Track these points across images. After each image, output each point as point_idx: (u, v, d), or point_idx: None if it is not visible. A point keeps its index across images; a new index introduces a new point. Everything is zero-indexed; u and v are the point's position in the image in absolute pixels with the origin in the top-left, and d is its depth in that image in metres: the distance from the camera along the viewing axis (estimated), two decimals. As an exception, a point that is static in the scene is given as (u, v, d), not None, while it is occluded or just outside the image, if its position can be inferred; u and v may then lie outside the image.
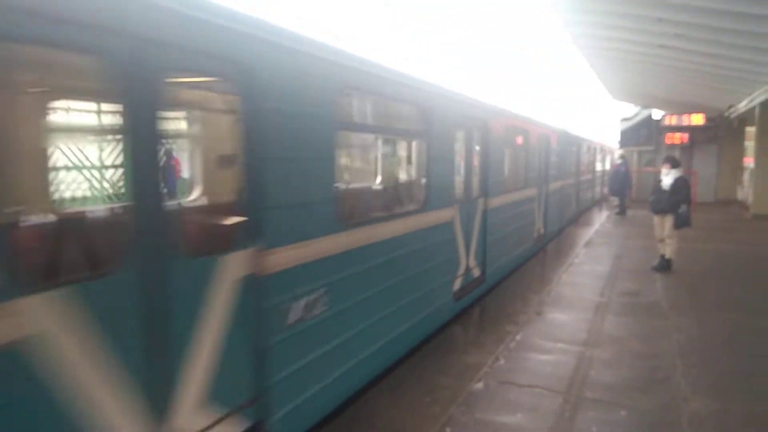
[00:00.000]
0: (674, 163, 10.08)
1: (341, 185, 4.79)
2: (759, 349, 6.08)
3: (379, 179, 7.97)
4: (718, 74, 16.31)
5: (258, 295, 3.41)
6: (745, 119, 21.94)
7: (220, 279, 3.16)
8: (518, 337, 6.33)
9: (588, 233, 15.09)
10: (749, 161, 25.57)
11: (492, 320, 7.13)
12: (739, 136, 24.40)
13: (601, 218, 19.05)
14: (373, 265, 4.77)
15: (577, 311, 7.50)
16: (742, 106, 19.43)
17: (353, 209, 5.56)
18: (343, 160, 6.22)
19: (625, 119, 26.05)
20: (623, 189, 20.16)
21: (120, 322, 2.59)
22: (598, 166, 25.07)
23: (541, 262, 11.17)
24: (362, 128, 6.05)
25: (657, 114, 26.16)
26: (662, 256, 10.24)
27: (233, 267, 3.25)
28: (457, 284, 6.97)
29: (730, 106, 21.34)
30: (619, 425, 4.34)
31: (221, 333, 3.18)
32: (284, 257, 3.61)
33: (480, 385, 5.01)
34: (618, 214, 19.88)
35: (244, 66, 3.29)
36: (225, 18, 3.13)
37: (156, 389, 2.80)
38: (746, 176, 25.06)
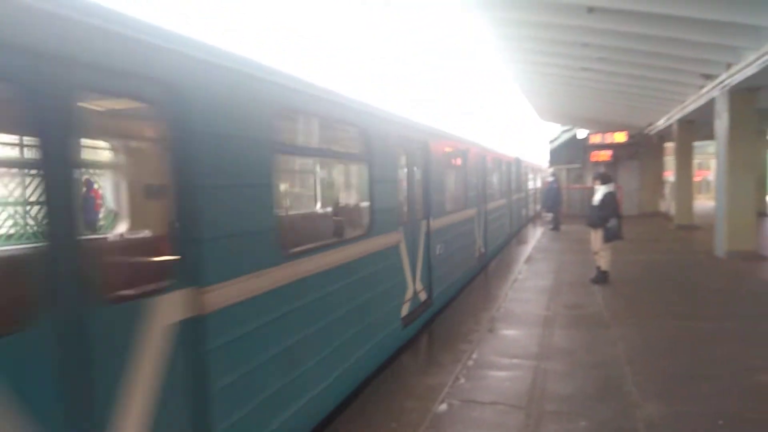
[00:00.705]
0: (604, 179, 10.57)
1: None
2: (697, 353, 6.42)
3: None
4: (639, 94, 17.36)
5: (429, 240, 7.74)
6: (663, 136, 23.38)
7: (422, 231, 7.51)
8: (474, 356, 6.43)
9: (527, 250, 15.55)
10: (669, 175, 27.25)
11: (447, 340, 7.21)
12: (659, 151, 25.95)
13: (537, 234, 19.68)
14: (452, 236, 9.26)
15: (526, 326, 7.70)
16: (661, 123, 20.72)
17: (446, 203, 9.17)
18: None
19: (552, 140, 27.19)
20: (556, 205, 20.95)
21: (409, 238, 7.04)
22: (531, 184, 25.88)
23: (488, 280, 11.41)
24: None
25: (582, 133, 27.48)
26: (598, 269, 10.68)
27: (424, 227, 7.61)
28: (478, 252, 11.43)
29: (650, 124, 22.71)
30: (580, 436, 4.47)
31: (422, 254, 7.52)
32: (435, 224, 7.87)
33: (444, 406, 5.05)
34: (552, 229, 20.61)
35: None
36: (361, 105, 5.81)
37: (413, 267, 7.16)
38: (667, 189, 26.63)
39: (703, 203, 27.66)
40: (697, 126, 18.89)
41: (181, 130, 3.02)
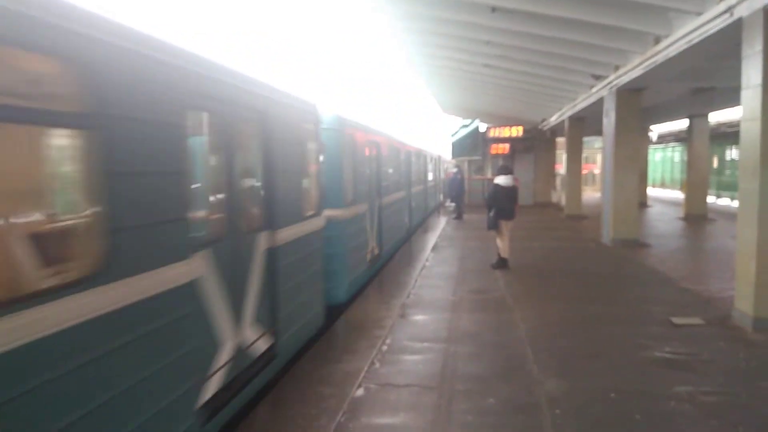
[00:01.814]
0: (498, 171, 11.20)
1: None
2: (590, 333, 6.98)
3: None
4: (534, 92, 18.34)
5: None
6: (555, 131, 24.82)
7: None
8: (388, 341, 6.61)
9: (433, 238, 16.02)
10: (559, 168, 28.96)
11: (361, 326, 7.34)
12: (551, 146, 27.52)
13: (441, 223, 20.30)
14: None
15: (435, 311, 8.00)
16: (553, 119, 21.99)
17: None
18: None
19: (454, 134, 28.05)
20: (460, 195, 21.69)
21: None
22: (433, 176, 26.26)
23: (398, 267, 11.67)
24: None
25: (482, 127, 28.55)
26: (499, 255, 11.26)
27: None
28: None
29: (543, 120, 24.03)
30: (490, 412, 4.75)
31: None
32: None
33: (361, 391, 5.17)
34: (456, 218, 21.35)
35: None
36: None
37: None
38: (558, 182, 28.33)
39: (590, 195, 29.70)
40: (586, 123, 20.27)
41: None
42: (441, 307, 8.26)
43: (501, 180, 10.86)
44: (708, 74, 13.00)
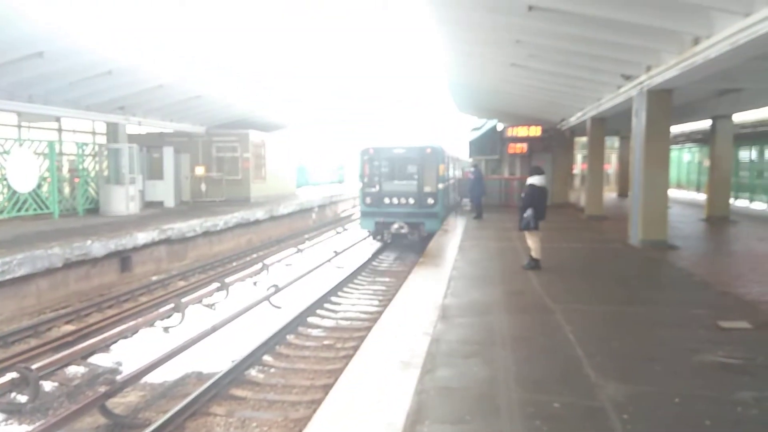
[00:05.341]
0: (531, 172, 11.21)
1: None
2: (638, 336, 6.92)
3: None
4: (558, 91, 18.22)
5: None
6: (575, 131, 24.66)
7: None
8: (436, 343, 6.55)
9: (456, 239, 15.89)
10: (575, 168, 28.78)
11: (404, 324, 7.27)
12: (570, 145, 27.35)
13: (461, 223, 20.16)
14: None
15: (476, 314, 7.91)
16: (573, 119, 21.86)
17: None
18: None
19: (475, 129, 27.95)
20: (480, 195, 21.57)
21: None
22: (452, 175, 25.88)
23: (428, 270, 11.57)
24: None
25: (500, 126, 28.38)
26: (530, 256, 11.18)
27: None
28: None
29: (562, 120, 23.89)
30: (555, 417, 4.69)
31: None
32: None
33: (417, 398, 5.13)
34: (475, 218, 21.23)
35: None
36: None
37: None
38: (577, 182, 28.18)
39: (605, 194, 29.44)
40: (607, 123, 20.16)
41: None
42: (480, 310, 8.17)
43: (536, 180, 10.82)
44: (737, 75, 12.86)
